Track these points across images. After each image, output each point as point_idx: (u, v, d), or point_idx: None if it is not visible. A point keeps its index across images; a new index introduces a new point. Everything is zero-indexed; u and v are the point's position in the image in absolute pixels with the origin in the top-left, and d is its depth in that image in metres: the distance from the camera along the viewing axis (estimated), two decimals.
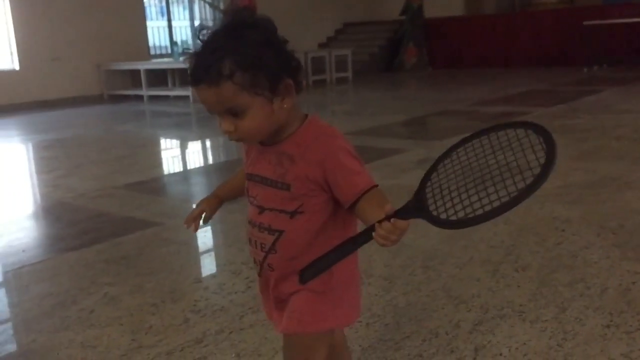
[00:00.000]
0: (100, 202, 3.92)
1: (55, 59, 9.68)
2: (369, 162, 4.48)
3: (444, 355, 1.83)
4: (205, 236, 3.22)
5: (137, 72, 10.23)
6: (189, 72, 1.12)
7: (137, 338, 2.03)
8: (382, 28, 13.65)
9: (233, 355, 1.87)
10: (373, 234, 1.04)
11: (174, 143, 6.76)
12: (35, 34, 9.48)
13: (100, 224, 3.42)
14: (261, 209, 1.22)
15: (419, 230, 2.95)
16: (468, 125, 6.04)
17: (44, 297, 2.46)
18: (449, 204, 1.05)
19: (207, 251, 3.07)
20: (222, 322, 2.11)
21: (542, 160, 1.00)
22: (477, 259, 2.56)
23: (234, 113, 1.11)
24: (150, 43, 11.51)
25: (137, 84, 10.43)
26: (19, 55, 9.43)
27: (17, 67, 9.46)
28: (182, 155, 5.96)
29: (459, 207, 1.03)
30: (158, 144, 6.80)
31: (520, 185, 1.01)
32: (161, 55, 11.73)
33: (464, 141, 1.14)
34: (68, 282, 2.61)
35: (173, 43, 11.33)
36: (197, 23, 12.30)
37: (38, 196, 4.46)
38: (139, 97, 10.24)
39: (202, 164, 5.49)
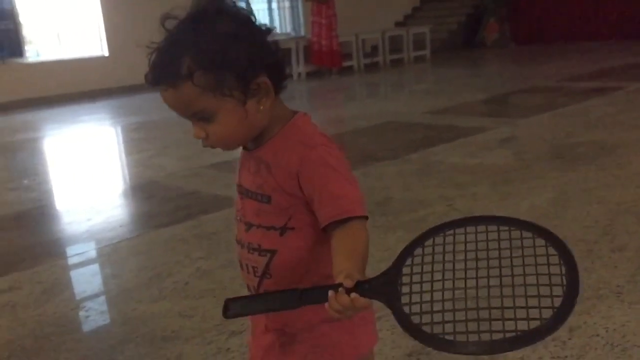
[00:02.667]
0: (189, 181, 4.07)
1: (139, 46, 10.04)
2: (450, 142, 4.42)
3: None
4: None
5: None
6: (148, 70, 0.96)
7: None
8: (462, 4, 13.25)
9: None
10: (326, 304, 0.83)
11: None
12: (123, 21, 9.88)
13: (190, 202, 3.56)
14: (248, 226, 1.04)
15: (505, 208, 2.89)
16: (557, 102, 5.80)
17: (141, 269, 2.59)
18: (426, 307, 0.82)
19: None
20: None
21: (558, 300, 0.77)
22: (570, 239, 2.47)
23: (203, 118, 0.95)
24: None
25: None
26: (108, 42, 9.88)
27: (106, 54, 9.92)
28: None
29: (438, 317, 0.80)
30: None
31: (522, 325, 0.77)
32: None
33: (471, 220, 0.88)
34: (163, 255, 2.74)
35: None
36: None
37: (131, 175, 4.69)
38: None
39: None
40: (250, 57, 0.93)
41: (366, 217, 0.95)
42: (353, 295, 0.81)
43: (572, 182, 3.26)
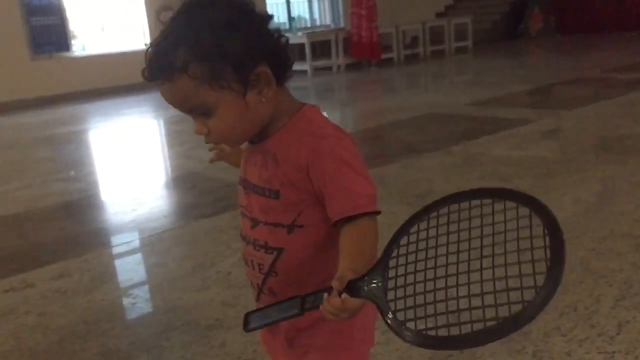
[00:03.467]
0: (229, 173, 4.10)
1: None
2: (492, 133, 4.35)
3: (584, 329, 1.76)
4: None
5: None
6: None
7: None
8: None
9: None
10: (321, 307, 0.81)
11: None
12: (166, 15, 10.03)
13: (231, 193, 3.59)
14: (254, 222, 1.00)
15: (549, 202, 2.84)
16: (603, 93, 5.65)
17: (185, 259, 2.64)
18: (410, 301, 0.78)
19: None
20: None
21: (541, 279, 0.72)
22: (618, 233, 2.41)
23: (203, 112, 0.92)
24: None
25: None
26: (151, 36, 10.05)
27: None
28: None
29: (420, 312, 0.76)
30: None
31: (503, 312, 0.72)
32: None
33: (452, 199, 0.84)
34: (205, 245, 2.78)
35: (291, 18, 11.53)
36: None
37: (173, 167, 4.77)
38: None
39: None
40: (247, 47, 0.89)
41: (378, 212, 0.89)
42: (343, 296, 0.78)
43: (619, 175, 3.17)
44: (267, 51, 0.91)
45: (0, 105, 8.37)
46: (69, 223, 3.36)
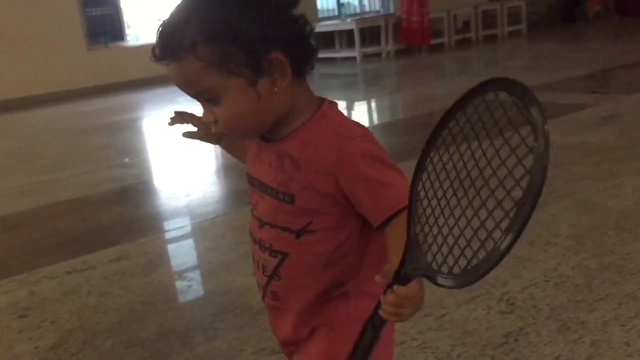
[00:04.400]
0: None
1: None
2: (548, 119, 4.22)
3: None
4: None
5: None
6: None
7: None
8: None
9: None
10: (379, 311, 0.77)
11: (343, 103, 6.90)
12: None
13: None
14: (261, 223, 0.95)
15: (608, 190, 2.76)
16: None
17: (238, 243, 2.69)
18: (444, 248, 0.72)
19: None
20: None
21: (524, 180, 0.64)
22: None
23: (210, 99, 0.86)
24: (318, 5, 11.75)
25: None
26: None
27: None
28: (351, 115, 6.08)
29: (459, 250, 0.69)
30: None
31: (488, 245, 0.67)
32: (329, 18, 11.95)
33: (450, 113, 0.76)
34: None
35: (340, 4, 11.47)
36: None
37: (224, 153, 4.83)
38: None
39: (370, 124, 5.56)
40: (261, 30, 0.81)
41: None
42: (395, 287, 0.74)
43: None
44: (285, 37, 0.83)
45: (58, 95, 8.66)
46: (126, 208, 3.46)
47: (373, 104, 6.49)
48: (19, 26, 8.70)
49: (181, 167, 4.37)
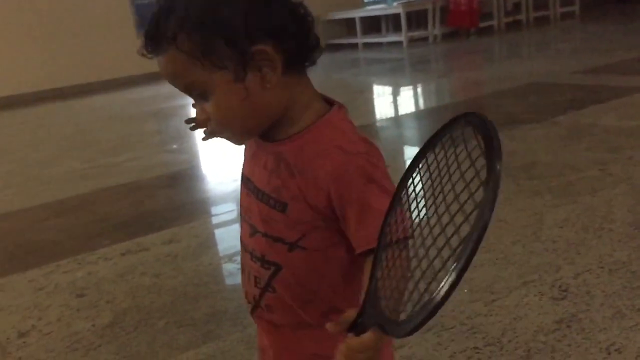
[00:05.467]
0: None
1: None
2: (602, 103, 4.11)
3: None
4: None
5: (352, 20, 10.48)
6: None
7: None
8: None
9: (465, 290, 1.90)
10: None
11: (389, 89, 6.85)
12: None
13: None
14: (253, 230, 0.88)
15: None
16: None
17: None
18: (396, 291, 0.64)
19: None
20: None
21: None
22: None
23: (199, 94, 0.79)
24: None
25: (351, 32, 10.70)
26: None
27: None
28: (398, 100, 6.03)
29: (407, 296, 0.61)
30: (374, 90, 6.95)
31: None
32: (375, 2, 11.83)
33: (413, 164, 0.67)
34: None
35: None
36: None
37: None
38: (354, 45, 10.50)
39: (416, 109, 5.50)
40: (247, 19, 0.74)
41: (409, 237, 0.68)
42: (347, 338, 0.66)
43: None
44: (276, 28, 0.76)
45: (110, 82, 8.89)
46: (176, 192, 3.54)
47: (419, 89, 6.41)
48: (72, 16, 8.96)
49: (228, 152, 4.43)
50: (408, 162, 0.67)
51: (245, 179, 0.91)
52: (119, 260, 2.55)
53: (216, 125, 0.80)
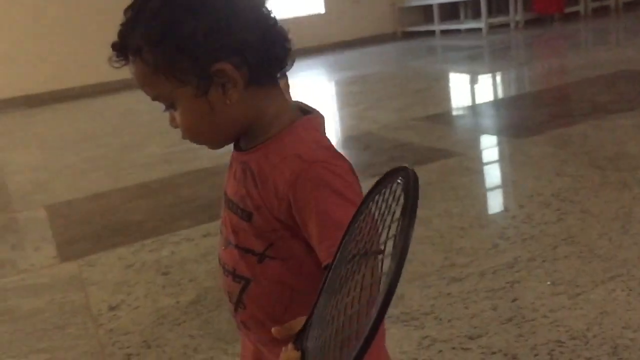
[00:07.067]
0: (402, 133, 4.14)
1: (355, 2, 10.30)
2: None
3: None
4: (506, 168, 3.19)
5: (429, 7, 10.30)
6: None
7: (450, 257, 2.13)
8: None
9: (548, 283, 1.85)
10: None
11: (467, 77, 6.70)
12: None
13: (404, 152, 3.62)
14: (226, 243, 0.86)
15: None
16: None
17: None
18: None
19: (511, 182, 3.03)
20: (533, 250, 2.08)
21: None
22: None
23: (168, 104, 0.80)
24: None
25: (429, 19, 10.52)
26: (324, 1, 10.27)
27: (322, 11, 10.33)
28: (475, 88, 5.89)
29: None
30: (452, 78, 6.82)
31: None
32: None
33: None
34: None
35: None
36: None
37: (347, 127, 4.90)
38: (430, 33, 10.32)
39: (495, 97, 5.35)
40: (208, 36, 0.74)
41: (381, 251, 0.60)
42: (287, 349, 0.62)
43: None
44: (238, 44, 0.75)
45: None
46: None
47: (498, 77, 6.23)
48: None
49: None
50: (484, 152, 0.63)
51: (224, 191, 0.88)
52: (201, 242, 2.65)
53: (185, 135, 0.82)
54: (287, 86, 0.85)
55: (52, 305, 2.22)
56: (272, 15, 0.80)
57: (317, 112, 0.84)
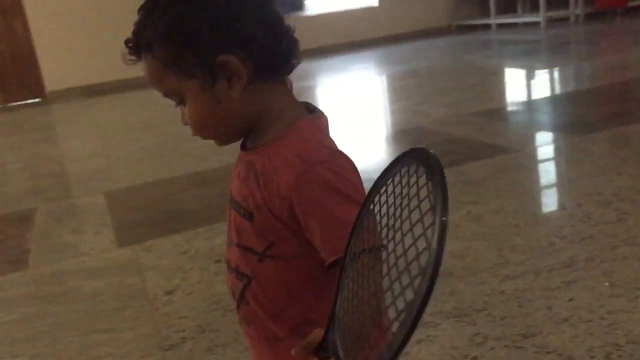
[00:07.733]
0: (456, 128, 4.08)
1: None
2: None
3: None
4: (563, 165, 3.11)
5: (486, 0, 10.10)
6: None
7: (503, 254, 2.10)
8: None
9: (606, 283, 1.80)
10: None
11: (523, 72, 6.54)
12: None
13: (457, 148, 3.58)
14: (230, 241, 0.89)
15: None
16: None
17: None
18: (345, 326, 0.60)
19: (568, 180, 2.95)
20: (591, 250, 2.03)
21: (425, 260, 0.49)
22: None
23: (178, 100, 0.83)
24: None
25: (484, 12, 10.31)
26: None
27: (376, 4, 10.27)
28: (531, 84, 5.75)
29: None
30: (507, 73, 6.67)
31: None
32: None
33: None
34: None
35: None
36: None
37: (399, 121, 4.87)
38: (486, 26, 10.12)
39: (552, 93, 5.21)
40: (215, 30, 0.77)
41: (383, 247, 0.60)
42: None
43: None
44: (243, 38, 0.78)
45: None
46: None
47: (556, 72, 6.07)
48: None
49: (354, 134, 4.48)
50: (539, 149, 0.63)
51: (229, 190, 0.90)
52: None
53: (193, 130, 0.84)
54: (291, 86, 0.87)
55: (111, 287, 2.31)
56: (279, 13, 0.83)
57: (321, 112, 0.86)
